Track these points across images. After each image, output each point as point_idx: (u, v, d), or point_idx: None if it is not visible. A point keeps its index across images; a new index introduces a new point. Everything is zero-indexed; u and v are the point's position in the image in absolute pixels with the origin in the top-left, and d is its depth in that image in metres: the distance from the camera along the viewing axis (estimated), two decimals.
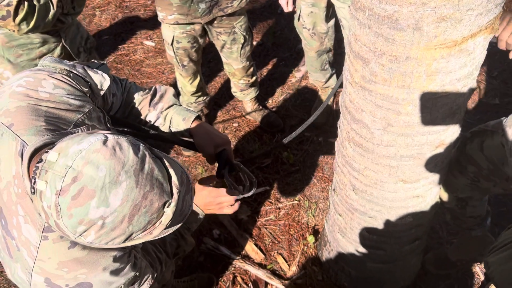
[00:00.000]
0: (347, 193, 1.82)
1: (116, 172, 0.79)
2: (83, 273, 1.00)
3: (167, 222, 0.86)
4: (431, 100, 1.31)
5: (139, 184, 0.81)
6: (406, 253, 2.00)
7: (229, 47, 2.61)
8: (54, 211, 0.79)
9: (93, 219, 0.78)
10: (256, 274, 2.35)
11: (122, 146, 0.82)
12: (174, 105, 1.39)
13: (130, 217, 0.80)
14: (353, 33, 1.34)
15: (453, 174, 1.78)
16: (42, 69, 1.09)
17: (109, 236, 0.81)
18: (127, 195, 0.79)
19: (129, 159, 0.81)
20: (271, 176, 2.81)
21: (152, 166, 0.84)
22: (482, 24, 1.15)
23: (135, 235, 0.84)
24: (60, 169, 0.78)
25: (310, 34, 2.71)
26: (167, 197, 0.85)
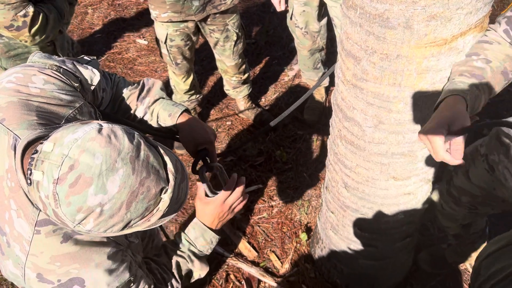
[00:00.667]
0: (339, 191, 1.83)
1: (113, 159, 0.80)
2: (75, 268, 0.99)
3: (164, 208, 0.87)
4: (421, 98, 1.32)
5: (136, 171, 0.81)
6: (398, 250, 2.02)
7: (222, 45, 2.62)
8: (52, 200, 0.79)
9: (92, 206, 0.79)
10: (249, 271, 2.36)
11: (117, 134, 0.83)
12: (161, 99, 1.37)
13: (128, 203, 0.81)
14: (344, 32, 1.35)
15: (450, 207, 1.78)
16: (32, 65, 1.09)
17: (108, 223, 0.82)
18: (124, 181, 0.80)
19: (125, 147, 0.82)
20: (264, 174, 2.82)
21: (148, 153, 0.85)
22: (472, 23, 1.17)
23: (133, 222, 0.85)
24: (56, 158, 0.79)
25: (302, 33, 2.72)
26: (163, 183, 0.86)
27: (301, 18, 2.65)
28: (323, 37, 2.80)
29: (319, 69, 3.00)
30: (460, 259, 2.21)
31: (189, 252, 1.30)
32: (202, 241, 1.31)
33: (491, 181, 1.58)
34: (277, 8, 2.57)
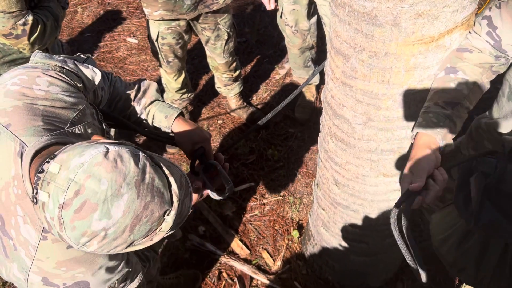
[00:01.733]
0: (329, 188, 1.84)
1: (118, 184, 0.80)
2: (80, 272, 1.02)
3: (167, 229, 0.88)
4: (410, 95, 1.34)
5: (140, 195, 0.82)
6: (389, 246, 2.03)
7: (213, 43, 2.63)
8: (57, 223, 0.80)
9: (96, 231, 0.80)
10: (241, 269, 2.37)
11: (123, 158, 0.83)
12: (157, 101, 1.39)
13: (131, 227, 0.82)
14: (333, 30, 1.36)
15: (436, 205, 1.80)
16: (35, 66, 1.09)
17: (111, 245, 0.83)
18: (129, 206, 0.81)
19: (130, 171, 0.82)
20: (256, 172, 2.83)
21: (153, 176, 0.85)
22: (458, 21, 1.18)
23: (136, 242, 0.86)
24: (62, 182, 0.79)
25: (292, 31, 2.73)
26: (167, 205, 0.87)
27: (291, 17, 2.66)
28: (313, 35, 2.81)
29: (309, 67, 3.02)
30: None
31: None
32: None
33: None
34: (267, 7, 2.58)
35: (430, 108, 1.17)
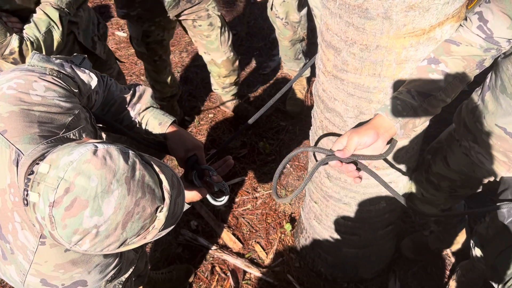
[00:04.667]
0: (321, 181, 1.84)
1: (108, 181, 0.80)
2: (78, 272, 1.04)
3: (160, 226, 0.88)
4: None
5: (131, 192, 0.82)
6: (380, 238, 2.05)
7: (207, 35, 2.49)
8: (48, 222, 0.80)
9: (87, 228, 0.80)
10: (234, 263, 2.37)
11: (112, 155, 0.83)
12: (152, 107, 1.39)
13: (123, 224, 0.82)
14: (324, 23, 1.35)
15: (430, 193, 1.82)
16: (32, 70, 1.07)
17: (104, 243, 0.83)
18: (120, 203, 0.81)
19: (120, 168, 0.82)
20: (248, 166, 2.82)
21: (143, 173, 0.85)
22: (449, 13, 1.18)
23: (129, 240, 0.86)
24: (52, 181, 0.79)
25: (283, 23, 2.71)
26: (159, 202, 0.87)
27: (281, 9, 2.64)
28: (304, 27, 2.80)
29: (300, 59, 3.01)
30: (443, 245, 2.26)
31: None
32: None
33: (470, 164, 1.62)
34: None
35: (401, 95, 1.18)
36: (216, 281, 2.31)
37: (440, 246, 2.26)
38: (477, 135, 1.51)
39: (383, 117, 1.17)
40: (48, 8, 1.68)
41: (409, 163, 1.72)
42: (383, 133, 1.16)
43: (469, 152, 1.59)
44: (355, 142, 1.15)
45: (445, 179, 1.74)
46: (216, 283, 2.31)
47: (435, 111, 1.22)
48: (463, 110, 1.60)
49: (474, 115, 1.51)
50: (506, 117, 1.37)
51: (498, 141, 1.44)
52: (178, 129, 1.38)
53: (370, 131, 1.15)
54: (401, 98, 1.18)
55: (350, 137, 1.16)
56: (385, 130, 1.16)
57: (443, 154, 1.71)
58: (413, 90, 1.19)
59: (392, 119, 1.16)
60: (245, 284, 2.30)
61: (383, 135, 1.16)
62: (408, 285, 2.28)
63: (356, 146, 1.15)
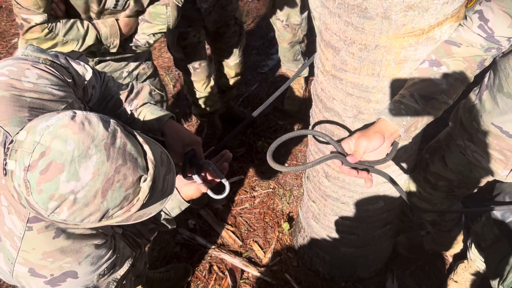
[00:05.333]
0: (320, 180, 1.84)
1: (85, 146, 0.78)
2: (67, 262, 1.00)
3: (144, 197, 0.86)
4: (400, 88, 1.33)
5: (111, 158, 0.80)
6: (378, 237, 2.05)
7: (229, 41, 2.48)
8: (23, 188, 0.78)
9: (64, 193, 0.78)
10: (232, 262, 2.37)
11: (91, 121, 0.81)
12: (149, 103, 1.38)
13: (103, 192, 0.80)
14: (323, 22, 1.35)
15: (427, 192, 1.82)
16: (25, 58, 1.07)
17: (83, 212, 0.80)
18: (98, 168, 0.79)
19: (99, 134, 0.80)
20: (246, 165, 2.82)
21: (124, 141, 0.83)
22: (448, 13, 1.18)
23: (112, 212, 0.83)
24: (28, 145, 0.78)
25: (283, 25, 2.69)
26: (142, 171, 0.84)
27: (282, 11, 2.62)
28: (304, 30, 2.79)
29: (298, 60, 3.01)
30: (437, 247, 2.27)
31: (163, 221, 1.38)
32: (177, 210, 1.37)
33: (467, 163, 1.63)
34: None
35: (404, 99, 1.19)
36: (214, 280, 2.31)
37: (434, 248, 2.27)
38: (473, 133, 1.51)
39: (387, 122, 1.17)
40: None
41: (407, 162, 1.73)
42: (388, 137, 1.17)
43: (465, 151, 1.59)
44: (364, 146, 1.15)
45: (442, 178, 1.74)
46: (214, 282, 2.31)
47: (437, 114, 1.22)
48: (460, 109, 1.61)
49: (471, 114, 1.51)
50: (502, 116, 1.37)
51: (494, 140, 1.45)
52: (176, 125, 1.36)
53: (377, 135, 1.15)
54: (404, 102, 1.18)
55: (358, 141, 1.16)
56: (390, 134, 1.17)
57: (441, 153, 1.72)
58: (416, 93, 1.19)
59: (396, 124, 1.17)
60: (243, 283, 2.30)
61: (388, 139, 1.17)
62: (405, 284, 2.28)
63: (365, 150, 1.16)
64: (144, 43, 1.83)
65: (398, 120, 1.17)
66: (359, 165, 1.19)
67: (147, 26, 1.80)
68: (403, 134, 1.18)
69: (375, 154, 1.18)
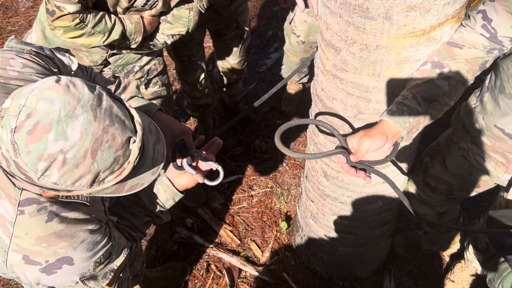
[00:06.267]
0: (318, 180, 1.84)
1: (72, 106, 0.78)
2: (62, 247, 0.98)
3: (134, 159, 0.86)
4: (400, 88, 1.34)
5: (98, 118, 0.80)
6: (376, 237, 2.05)
7: (229, 42, 2.47)
8: (11, 150, 0.77)
9: (53, 153, 0.77)
10: (230, 261, 2.37)
11: (76, 84, 0.82)
12: (136, 97, 1.38)
13: (92, 152, 0.79)
14: (324, 22, 1.35)
15: (427, 195, 1.83)
16: (9, 50, 1.07)
17: (74, 174, 0.80)
18: (86, 128, 0.79)
19: (85, 95, 0.81)
20: (244, 164, 2.82)
21: (111, 104, 0.83)
22: (449, 14, 1.18)
23: (103, 175, 0.83)
24: (13, 109, 0.78)
25: (297, 41, 2.55)
26: (130, 133, 0.84)
27: (301, 27, 2.46)
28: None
29: (303, 72, 2.92)
30: (435, 248, 2.28)
31: (158, 213, 1.37)
32: (172, 202, 1.36)
33: (467, 166, 1.63)
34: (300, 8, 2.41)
35: (407, 101, 1.20)
36: (211, 279, 2.31)
37: (432, 248, 2.28)
38: (475, 136, 1.51)
39: (390, 123, 1.18)
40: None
41: (406, 162, 1.73)
42: (391, 138, 1.18)
43: (467, 154, 1.59)
44: (366, 145, 1.17)
45: (442, 182, 1.75)
46: (211, 281, 2.31)
47: (438, 115, 1.23)
48: (462, 112, 1.61)
49: (473, 116, 1.51)
50: (504, 117, 1.38)
51: (497, 142, 1.45)
52: (164, 116, 1.35)
53: (380, 136, 1.17)
54: (407, 104, 1.19)
55: (361, 140, 1.17)
56: (392, 135, 1.18)
57: (442, 157, 1.72)
58: (418, 95, 1.19)
59: (399, 126, 1.18)
60: (240, 282, 2.30)
61: (391, 140, 1.19)
62: (403, 284, 2.29)
63: (367, 150, 1.17)
64: (162, 42, 1.84)
65: (401, 122, 1.17)
66: (360, 164, 1.20)
67: (168, 27, 1.81)
68: (405, 135, 1.19)
69: (376, 154, 1.19)
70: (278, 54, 3.57)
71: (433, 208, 1.86)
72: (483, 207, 2.45)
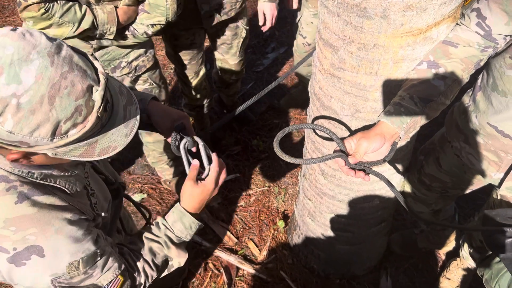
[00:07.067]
0: (316, 178, 1.86)
1: (26, 51, 0.75)
2: (32, 234, 0.89)
3: (97, 108, 0.81)
4: (397, 87, 1.35)
5: (55, 64, 0.76)
6: (373, 235, 2.07)
7: (229, 43, 2.48)
8: None
9: (5, 97, 0.73)
10: (227, 259, 2.38)
11: (33, 33, 0.78)
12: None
13: (50, 98, 0.75)
14: (322, 21, 1.36)
15: (422, 193, 1.85)
16: None
17: (30, 121, 0.75)
18: (41, 72, 0.75)
19: (42, 43, 0.77)
20: (241, 163, 2.83)
21: (71, 53, 0.80)
22: (445, 13, 1.20)
23: (65, 126, 0.79)
24: None
25: (303, 43, 2.55)
26: (92, 81, 0.81)
27: (308, 28, 2.45)
28: None
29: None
30: (431, 246, 2.30)
31: (165, 237, 1.18)
32: (180, 225, 1.19)
33: (461, 165, 1.65)
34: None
35: (404, 101, 1.21)
36: (209, 278, 2.32)
37: (428, 246, 2.30)
38: (468, 135, 1.53)
39: (387, 124, 1.19)
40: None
41: (402, 162, 1.75)
42: (389, 139, 1.19)
43: (460, 153, 1.61)
44: (364, 147, 1.18)
45: (436, 180, 1.77)
46: (209, 279, 2.31)
47: (435, 114, 1.25)
48: (455, 111, 1.63)
49: (466, 115, 1.53)
50: (497, 115, 1.39)
51: (490, 140, 1.47)
52: (160, 104, 1.31)
53: (378, 137, 1.18)
54: (404, 104, 1.20)
55: (359, 142, 1.18)
56: (390, 136, 1.19)
57: (436, 155, 1.74)
58: (415, 96, 1.21)
59: (397, 127, 1.19)
60: (238, 280, 2.31)
61: (389, 141, 1.20)
62: (399, 282, 2.31)
63: (365, 151, 1.18)
64: (142, 33, 1.84)
65: (398, 123, 1.18)
66: (358, 165, 1.21)
67: (146, 16, 1.81)
68: (403, 135, 1.21)
69: (374, 155, 1.20)
70: (275, 54, 3.59)
71: (428, 206, 1.88)
72: (478, 205, 2.48)
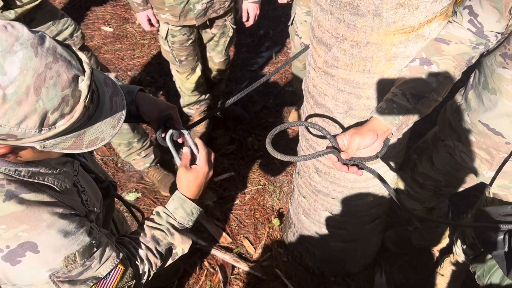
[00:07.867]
0: (310, 176, 1.87)
1: (9, 43, 0.75)
2: (24, 230, 0.89)
3: (84, 98, 0.81)
4: (390, 84, 1.36)
5: (39, 55, 0.76)
6: (367, 232, 2.08)
7: (216, 41, 2.53)
8: None
9: None
10: (223, 258, 2.38)
11: (14, 26, 0.77)
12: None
13: (36, 88, 0.75)
14: (315, 19, 1.37)
15: (415, 191, 1.86)
16: None
17: (17, 112, 0.75)
18: (26, 63, 0.75)
19: (24, 34, 0.77)
20: (236, 162, 2.84)
21: (55, 44, 0.80)
22: (437, 11, 1.21)
23: (52, 117, 0.79)
24: None
25: (300, 43, 2.50)
26: (77, 71, 0.81)
27: (302, 28, 2.42)
28: None
29: None
30: (425, 242, 2.31)
31: (167, 224, 1.18)
32: (182, 212, 1.19)
33: (454, 163, 1.66)
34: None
35: (396, 98, 1.22)
36: (204, 276, 2.32)
37: (422, 243, 2.31)
38: (461, 133, 1.55)
39: (380, 120, 1.20)
40: None
41: (396, 159, 1.76)
42: (381, 135, 1.20)
43: (453, 152, 1.63)
44: (357, 143, 1.18)
45: (430, 178, 1.78)
46: (204, 278, 2.32)
47: (427, 111, 1.26)
48: (448, 110, 1.64)
49: (458, 114, 1.55)
50: (488, 112, 1.41)
51: (481, 138, 1.48)
52: (148, 95, 1.30)
53: (370, 133, 1.18)
54: (396, 101, 1.21)
55: (352, 138, 1.19)
56: (383, 132, 1.20)
57: (429, 154, 1.75)
58: (407, 92, 1.22)
59: (389, 123, 1.20)
60: (233, 278, 2.32)
61: (381, 137, 1.20)
62: (393, 279, 2.32)
63: (358, 147, 1.19)
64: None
65: (390, 119, 1.19)
66: (350, 161, 1.22)
67: None
68: (395, 132, 1.22)
69: (367, 151, 1.21)
70: (269, 53, 3.60)
71: (422, 203, 1.90)
72: (471, 203, 2.49)
